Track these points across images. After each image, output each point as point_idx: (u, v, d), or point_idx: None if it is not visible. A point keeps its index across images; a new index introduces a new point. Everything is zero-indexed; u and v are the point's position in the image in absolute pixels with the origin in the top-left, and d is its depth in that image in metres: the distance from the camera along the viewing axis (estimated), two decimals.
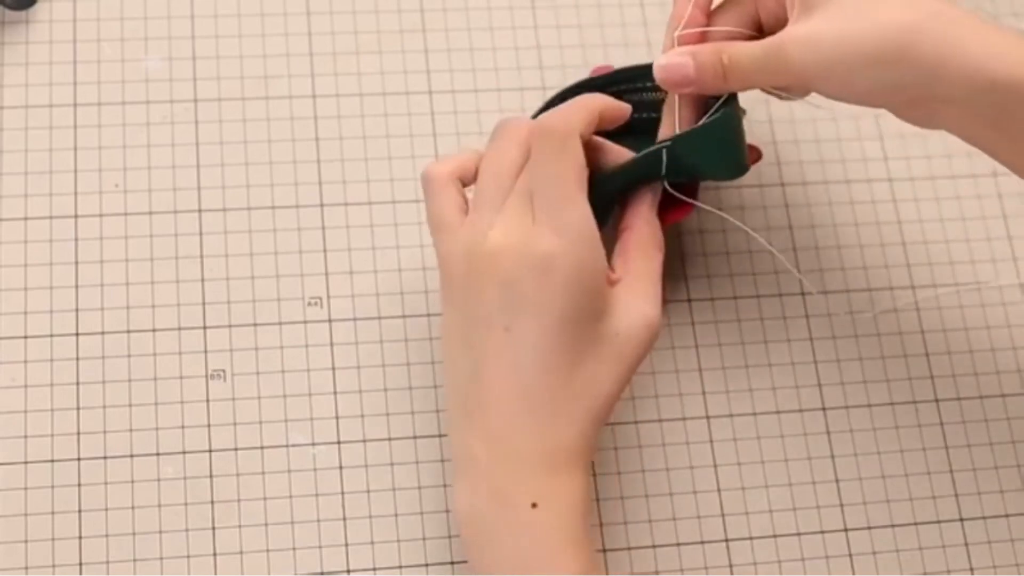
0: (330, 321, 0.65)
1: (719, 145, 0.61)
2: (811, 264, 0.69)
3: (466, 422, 0.57)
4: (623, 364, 0.57)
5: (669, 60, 0.60)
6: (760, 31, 0.62)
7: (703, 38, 0.61)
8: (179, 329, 0.64)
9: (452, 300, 0.58)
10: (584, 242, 0.56)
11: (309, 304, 0.66)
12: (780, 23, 0.60)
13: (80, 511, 0.61)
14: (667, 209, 0.62)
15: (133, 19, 0.70)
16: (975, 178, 0.72)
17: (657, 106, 0.64)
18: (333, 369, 0.65)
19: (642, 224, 0.61)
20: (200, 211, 0.67)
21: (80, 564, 0.60)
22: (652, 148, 0.60)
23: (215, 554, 0.61)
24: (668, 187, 0.61)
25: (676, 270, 0.68)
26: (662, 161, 0.60)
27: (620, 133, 0.62)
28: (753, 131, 0.71)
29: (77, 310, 0.64)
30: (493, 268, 0.56)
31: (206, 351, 0.64)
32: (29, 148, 0.67)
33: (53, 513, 0.61)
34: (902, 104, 0.59)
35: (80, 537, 0.61)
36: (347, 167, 0.68)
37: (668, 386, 0.66)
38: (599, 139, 0.61)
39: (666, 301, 0.59)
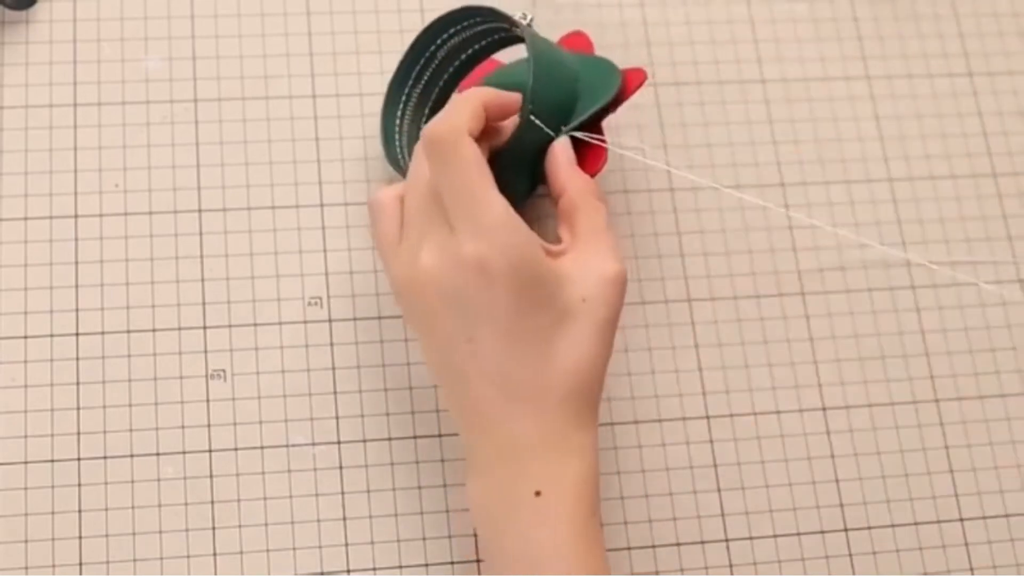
0: (330, 321, 0.65)
1: (553, 66, 0.62)
2: (812, 264, 0.69)
3: (466, 422, 0.57)
4: (598, 326, 0.56)
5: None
6: None
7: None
8: (179, 329, 0.64)
9: (413, 323, 0.59)
10: (509, 234, 0.55)
11: (309, 304, 0.66)
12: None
13: (80, 511, 0.61)
14: (584, 160, 0.61)
15: (133, 19, 0.70)
16: (975, 178, 0.72)
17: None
18: (333, 369, 0.65)
19: (574, 182, 0.60)
20: (200, 211, 0.67)
21: (80, 564, 0.60)
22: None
23: (215, 554, 0.61)
24: (576, 135, 0.61)
25: (676, 270, 0.68)
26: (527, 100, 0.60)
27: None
28: (753, 131, 0.71)
29: (77, 310, 0.64)
30: (433, 289, 0.56)
31: (206, 351, 0.64)
32: (29, 148, 0.67)
33: (53, 513, 0.61)
34: None
35: (80, 537, 0.61)
36: (347, 167, 0.68)
37: (668, 386, 0.66)
38: (495, 124, 0.60)
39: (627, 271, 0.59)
